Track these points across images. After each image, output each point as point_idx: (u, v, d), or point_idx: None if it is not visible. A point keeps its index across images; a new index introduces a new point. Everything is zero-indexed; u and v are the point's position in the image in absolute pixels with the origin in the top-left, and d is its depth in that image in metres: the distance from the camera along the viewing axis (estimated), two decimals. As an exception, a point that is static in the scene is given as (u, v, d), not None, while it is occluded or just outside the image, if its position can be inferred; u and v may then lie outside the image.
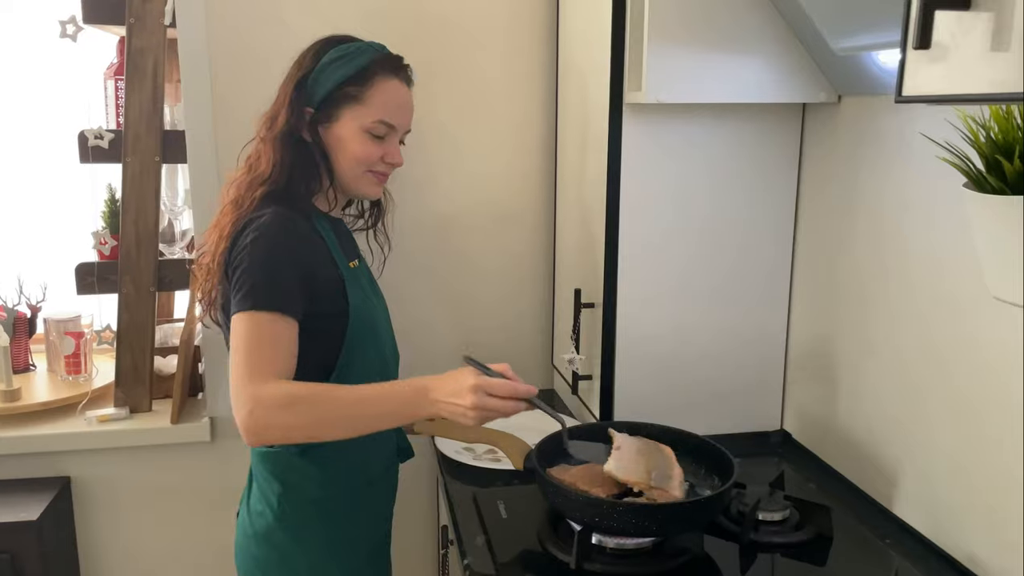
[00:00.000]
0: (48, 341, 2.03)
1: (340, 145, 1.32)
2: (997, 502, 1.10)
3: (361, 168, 1.33)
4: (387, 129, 1.33)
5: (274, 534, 1.33)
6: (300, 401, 1.13)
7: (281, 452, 1.31)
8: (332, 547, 1.34)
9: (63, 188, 2.12)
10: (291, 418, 1.13)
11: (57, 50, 1.95)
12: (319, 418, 1.14)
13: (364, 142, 1.32)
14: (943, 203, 1.18)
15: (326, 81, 1.31)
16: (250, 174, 1.31)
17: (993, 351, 1.10)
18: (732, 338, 1.60)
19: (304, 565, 1.33)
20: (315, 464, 1.31)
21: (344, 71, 1.31)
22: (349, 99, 1.31)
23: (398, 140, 1.37)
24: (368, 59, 1.32)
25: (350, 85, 1.30)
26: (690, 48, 1.38)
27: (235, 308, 1.18)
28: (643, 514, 1.15)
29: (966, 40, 0.61)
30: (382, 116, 1.32)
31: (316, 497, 1.32)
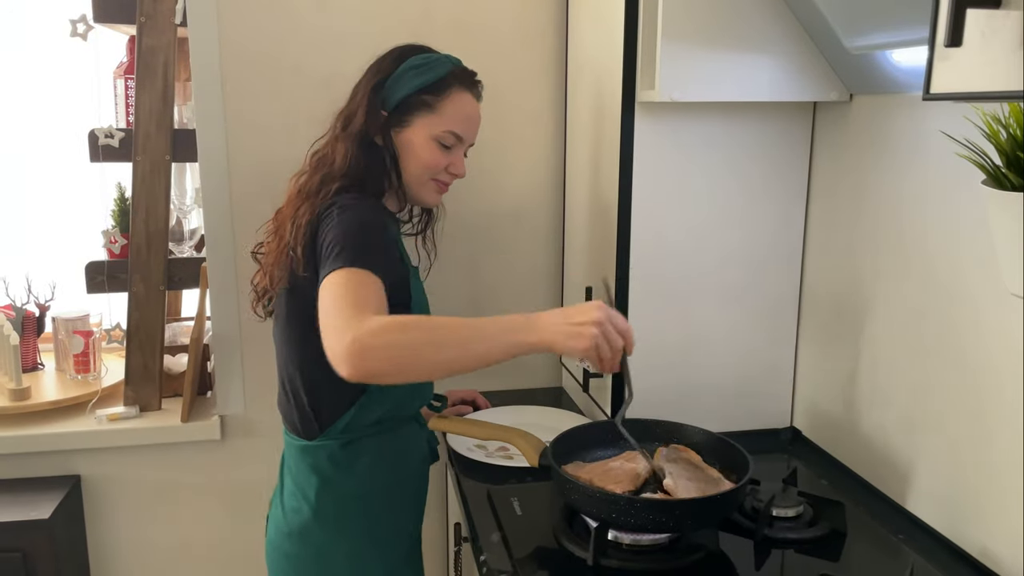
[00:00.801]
0: (57, 340, 2.03)
1: (409, 150, 1.35)
2: (1010, 497, 1.11)
3: (427, 175, 1.37)
4: (455, 140, 1.37)
5: (311, 530, 1.33)
6: (406, 323, 1.09)
7: (322, 445, 1.32)
8: (371, 542, 1.34)
9: (73, 187, 2.12)
10: (398, 335, 1.07)
11: (67, 49, 1.95)
12: (426, 337, 1.08)
13: (432, 150, 1.35)
14: (956, 201, 1.19)
15: (403, 87, 1.34)
16: (321, 170, 1.33)
17: (1007, 347, 1.10)
18: (742, 335, 1.60)
19: (342, 561, 1.33)
20: (355, 458, 1.32)
21: (422, 79, 1.34)
22: (423, 107, 1.34)
23: (463, 151, 1.41)
24: (445, 71, 1.35)
25: (426, 93, 1.34)
26: (703, 47, 1.38)
27: (329, 268, 1.16)
28: (660, 510, 1.15)
29: (996, 38, 0.62)
30: (452, 127, 1.35)
31: (355, 492, 1.33)
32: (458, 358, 1.10)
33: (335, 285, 1.14)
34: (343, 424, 1.31)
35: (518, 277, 2.00)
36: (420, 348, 1.08)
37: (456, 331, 1.10)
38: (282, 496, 1.39)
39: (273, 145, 1.83)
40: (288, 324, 1.32)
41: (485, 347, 1.11)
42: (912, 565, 1.18)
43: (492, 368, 2.05)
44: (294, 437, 1.36)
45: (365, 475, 1.33)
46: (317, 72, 1.82)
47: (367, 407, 1.31)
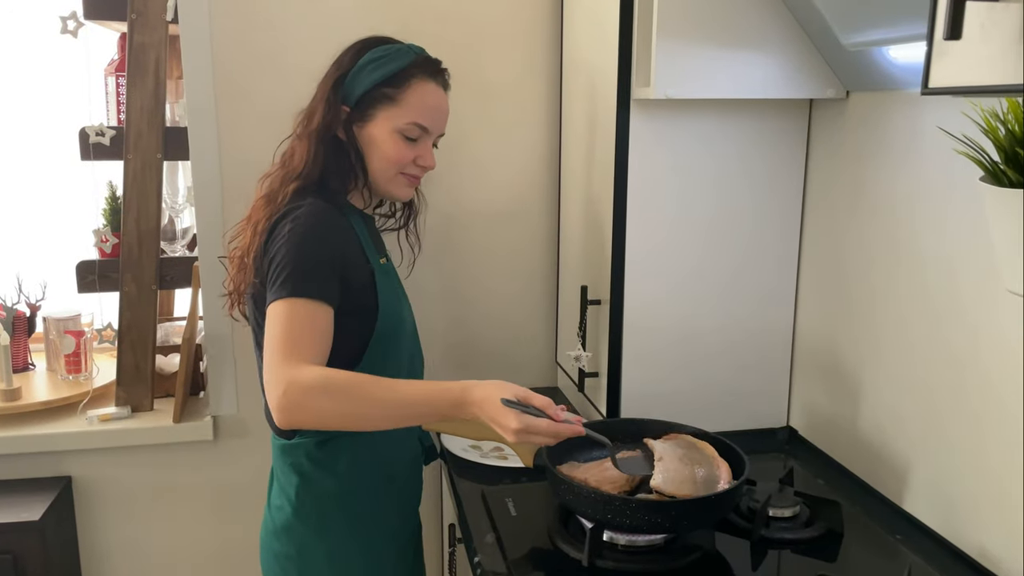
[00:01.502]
0: (47, 340, 2.01)
1: (373, 145, 1.33)
2: (1008, 496, 1.10)
3: (393, 169, 1.34)
4: (420, 131, 1.33)
5: (293, 528, 1.33)
6: (336, 387, 1.11)
7: (300, 444, 1.31)
8: (353, 540, 1.33)
9: (63, 185, 2.10)
10: (326, 402, 1.10)
11: (58, 46, 1.93)
12: (353, 407, 1.12)
13: (397, 143, 1.32)
14: (953, 198, 1.18)
15: (363, 81, 1.32)
16: (283, 169, 1.32)
17: (1003, 345, 1.10)
18: (738, 334, 1.60)
19: (324, 559, 1.32)
20: (334, 457, 1.31)
21: (382, 72, 1.31)
22: (385, 99, 1.31)
23: (431, 143, 1.37)
24: (406, 61, 1.32)
25: (386, 86, 1.31)
26: (698, 44, 1.38)
27: (272, 296, 1.17)
28: (655, 511, 1.14)
29: (996, 31, 0.61)
30: (416, 118, 1.32)
31: (334, 490, 1.32)
32: (382, 425, 1.17)
33: (276, 321, 1.16)
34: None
35: (513, 276, 1.99)
36: (345, 414, 1.13)
37: (382, 403, 1.13)
38: (270, 495, 1.39)
39: (266, 143, 1.80)
40: (257, 328, 1.31)
41: (412, 419, 1.17)
42: (910, 566, 1.17)
43: (485, 367, 2.06)
44: (275, 436, 1.36)
45: (344, 473, 1.32)
46: (310, 70, 1.79)
47: None
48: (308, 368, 1.12)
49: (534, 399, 1.12)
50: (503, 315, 2.00)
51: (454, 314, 1.98)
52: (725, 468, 1.23)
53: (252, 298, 1.30)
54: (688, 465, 1.23)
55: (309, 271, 1.18)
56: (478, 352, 2.00)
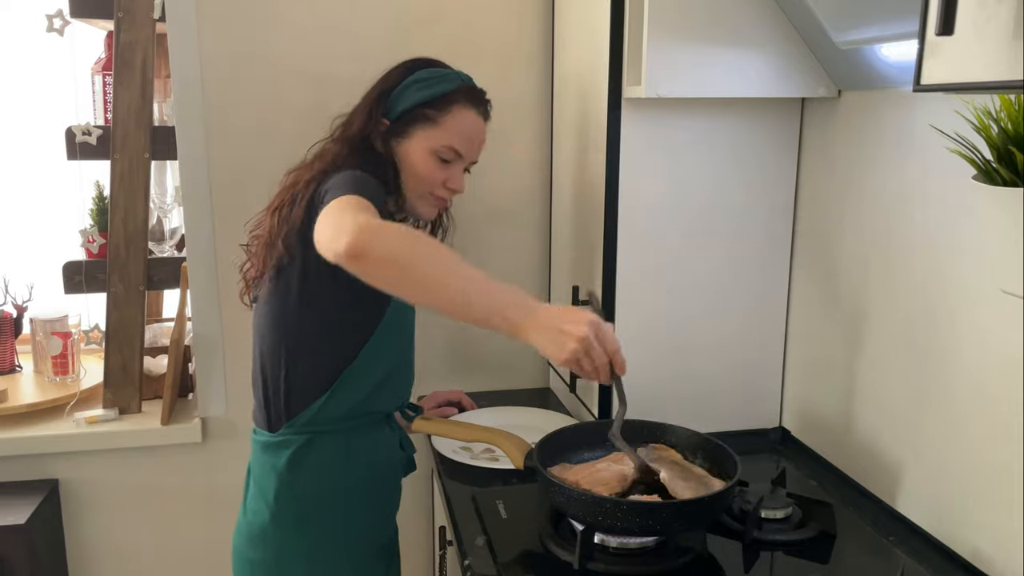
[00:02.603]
0: (34, 342, 2.00)
1: (406, 161, 1.35)
2: (1000, 497, 1.09)
3: (423, 188, 1.36)
4: (454, 155, 1.36)
5: (270, 533, 1.31)
6: (414, 235, 1.07)
7: (283, 442, 1.30)
8: (330, 546, 1.32)
9: (50, 185, 2.08)
10: (404, 236, 1.05)
11: (44, 45, 1.91)
12: (424, 259, 1.05)
13: (429, 163, 1.35)
14: (945, 197, 1.17)
15: (407, 98, 1.35)
16: (313, 166, 1.32)
17: (997, 345, 1.09)
18: (731, 335, 1.59)
19: (301, 565, 1.31)
20: (315, 459, 1.30)
21: (427, 92, 1.35)
22: (425, 119, 1.35)
23: (462, 168, 1.40)
24: (451, 87, 1.36)
25: (429, 107, 1.35)
26: (690, 42, 1.37)
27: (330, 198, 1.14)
28: (647, 513, 1.13)
29: (988, 27, 0.60)
30: (452, 142, 1.35)
31: (314, 493, 1.31)
32: (441, 295, 1.06)
33: (337, 202, 1.11)
34: (308, 416, 1.29)
35: (505, 276, 1.90)
36: (414, 262, 1.04)
37: (456, 271, 1.06)
38: (246, 500, 1.38)
39: (254, 142, 1.81)
40: (269, 304, 1.31)
41: (471, 302, 1.06)
42: (902, 567, 1.17)
43: (478, 368, 2.05)
44: (258, 432, 1.35)
45: (325, 476, 1.31)
46: (298, 68, 1.80)
47: (336, 397, 1.29)
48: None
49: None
50: (494, 315, 1.99)
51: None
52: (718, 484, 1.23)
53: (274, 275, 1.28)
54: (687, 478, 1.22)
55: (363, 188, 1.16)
56: (470, 353, 1.99)
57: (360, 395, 1.31)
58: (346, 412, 1.31)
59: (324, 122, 1.45)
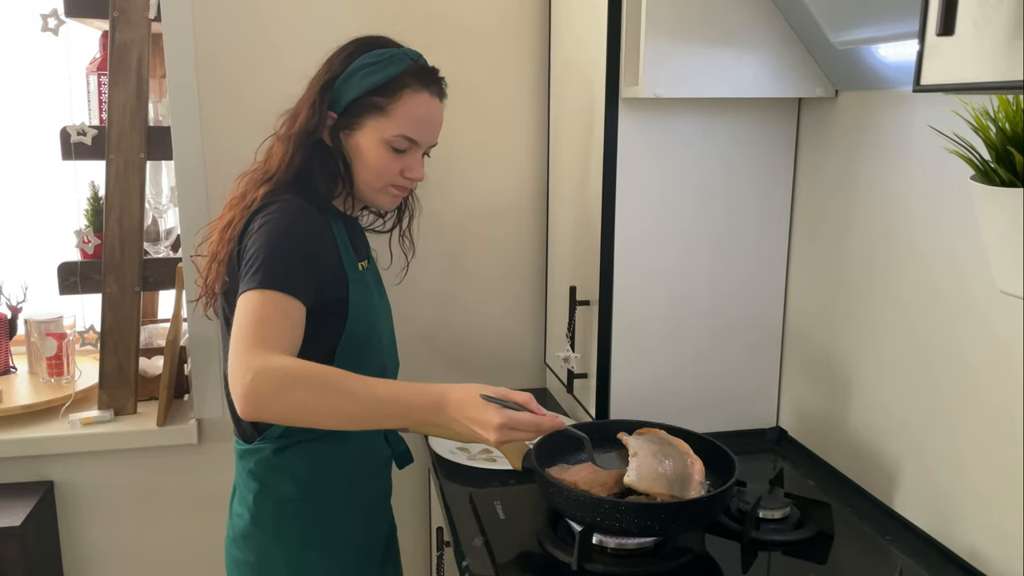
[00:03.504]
0: (29, 343, 1.99)
1: (359, 154, 1.28)
2: (998, 496, 1.10)
3: (380, 182, 1.30)
4: (409, 144, 1.28)
5: (252, 536, 1.31)
6: (308, 377, 1.06)
7: (258, 449, 1.29)
8: (311, 548, 1.31)
9: (45, 186, 2.07)
10: (296, 393, 1.05)
11: (38, 44, 1.90)
12: (324, 401, 1.07)
13: (383, 154, 1.27)
14: (942, 197, 1.17)
15: (353, 88, 1.26)
16: (259, 170, 1.30)
17: (995, 345, 1.09)
18: (728, 335, 1.59)
19: (282, 567, 1.30)
20: (291, 463, 1.29)
21: (372, 79, 1.26)
22: (374, 109, 1.26)
23: (420, 154, 1.33)
24: (399, 70, 1.26)
25: (376, 95, 1.26)
26: (687, 43, 1.37)
27: (243, 288, 1.13)
28: (645, 514, 1.13)
29: (989, 27, 0.60)
30: (405, 131, 1.27)
31: (291, 497, 1.29)
32: (352, 424, 1.12)
33: (247, 311, 1.11)
34: (279, 430, 1.27)
35: (502, 276, 1.98)
36: (315, 407, 1.07)
37: (357, 399, 1.08)
38: (232, 503, 1.37)
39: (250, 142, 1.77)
40: (225, 328, 1.28)
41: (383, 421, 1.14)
42: (900, 567, 1.17)
43: (474, 369, 2.04)
44: (237, 440, 1.34)
45: (302, 480, 1.29)
46: (295, 68, 1.77)
47: None
48: (278, 356, 1.07)
49: (514, 395, 1.11)
50: (491, 316, 1.99)
51: (442, 315, 1.97)
52: (699, 464, 1.22)
53: (224, 296, 1.27)
54: (660, 461, 1.22)
55: (283, 265, 1.15)
56: (466, 353, 1.99)
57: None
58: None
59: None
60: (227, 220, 1.26)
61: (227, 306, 1.27)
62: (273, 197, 1.24)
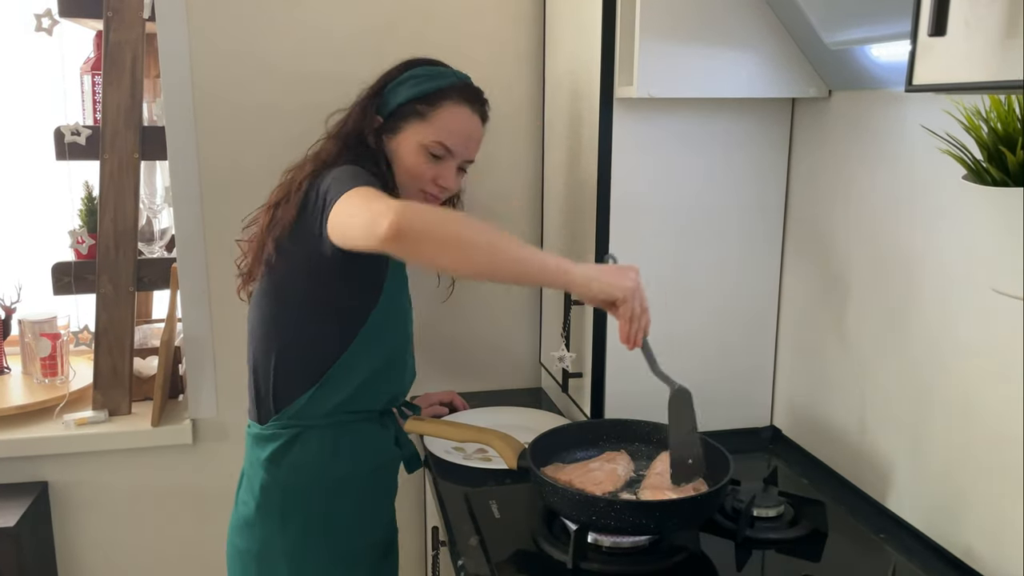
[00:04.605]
0: (23, 343, 1.98)
1: (397, 156, 1.36)
2: (992, 494, 1.10)
3: (412, 184, 1.37)
4: (444, 151, 1.36)
5: (255, 524, 1.33)
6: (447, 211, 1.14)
7: (272, 435, 1.31)
8: (312, 539, 1.32)
9: (38, 186, 2.07)
10: (440, 217, 1.11)
11: (32, 44, 1.90)
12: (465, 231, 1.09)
13: (418, 158, 1.36)
14: (937, 196, 1.18)
15: (400, 95, 1.37)
16: (310, 166, 1.33)
17: (988, 344, 1.10)
18: (722, 334, 1.59)
19: (282, 556, 1.32)
20: (302, 454, 1.31)
21: (419, 89, 1.36)
22: (415, 115, 1.36)
23: (455, 166, 1.39)
24: (445, 83, 1.37)
25: (420, 103, 1.36)
26: (681, 43, 1.37)
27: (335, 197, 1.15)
28: (640, 512, 1.14)
29: (980, 27, 0.61)
30: (441, 138, 1.35)
31: (298, 487, 1.32)
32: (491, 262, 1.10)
33: (352, 196, 1.13)
34: (295, 409, 1.31)
35: (496, 276, 1.97)
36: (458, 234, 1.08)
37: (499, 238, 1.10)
38: (239, 491, 1.40)
39: (245, 142, 1.80)
40: (260, 300, 1.34)
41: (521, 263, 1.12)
42: (894, 565, 1.17)
43: (470, 369, 2.04)
44: (251, 424, 1.37)
45: (310, 470, 1.32)
46: (289, 68, 1.79)
47: (323, 392, 1.30)
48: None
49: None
50: (486, 315, 1.99)
51: (436, 314, 1.96)
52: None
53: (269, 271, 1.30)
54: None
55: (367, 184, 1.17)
56: (461, 353, 1.99)
57: (347, 391, 1.32)
58: (333, 407, 1.32)
59: (315, 122, 1.45)
60: (278, 199, 1.31)
61: (268, 275, 1.31)
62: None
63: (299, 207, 1.26)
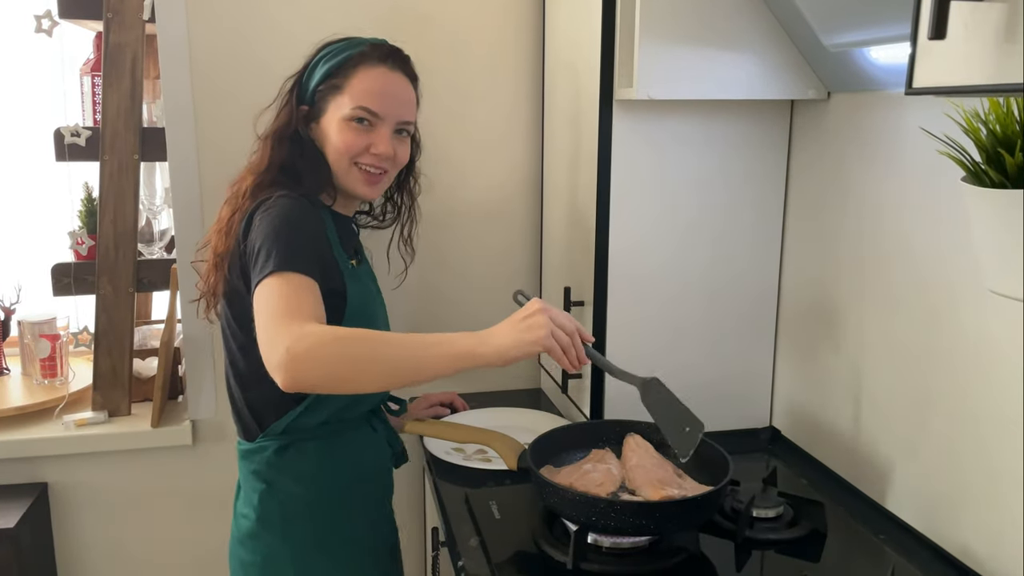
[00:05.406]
0: (23, 344, 1.98)
1: (325, 138, 1.31)
2: (991, 495, 1.10)
3: (345, 160, 1.30)
4: (369, 115, 1.28)
5: (258, 536, 1.31)
6: (341, 335, 1.06)
7: (262, 447, 1.30)
8: (317, 548, 1.32)
9: (38, 187, 2.07)
10: (332, 349, 1.04)
11: (32, 45, 1.90)
12: (366, 350, 1.06)
13: (344, 131, 1.28)
14: (936, 198, 1.18)
15: (315, 76, 1.32)
16: (248, 175, 1.31)
17: (985, 345, 1.10)
18: (722, 336, 1.60)
19: (289, 567, 1.31)
20: (296, 462, 1.30)
21: (331, 64, 1.30)
22: (332, 90, 1.30)
23: (388, 131, 1.31)
24: (355, 51, 1.31)
25: (334, 77, 1.30)
26: (681, 44, 1.37)
27: (259, 276, 1.13)
28: (640, 513, 1.14)
29: (980, 30, 0.61)
30: (360, 102, 1.28)
31: (298, 496, 1.30)
32: (396, 373, 1.09)
33: (267, 294, 1.11)
34: (283, 425, 1.29)
35: (496, 277, 1.98)
36: (356, 360, 1.06)
37: (397, 345, 1.08)
38: (236, 504, 1.38)
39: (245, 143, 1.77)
40: (228, 327, 1.31)
41: (427, 362, 1.08)
42: (893, 566, 1.18)
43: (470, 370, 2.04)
44: (240, 440, 1.35)
45: (308, 479, 1.30)
46: (288, 69, 1.77)
47: (313, 409, 1.28)
48: (310, 323, 1.06)
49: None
50: (486, 316, 1.97)
51: (436, 315, 1.97)
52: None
53: (226, 297, 1.28)
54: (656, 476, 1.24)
55: (292, 247, 1.15)
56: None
57: (335, 405, 1.30)
58: (323, 420, 1.31)
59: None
60: (225, 220, 1.28)
61: (228, 306, 1.29)
62: (267, 193, 1.25)
63: (237, 249, 1.23)
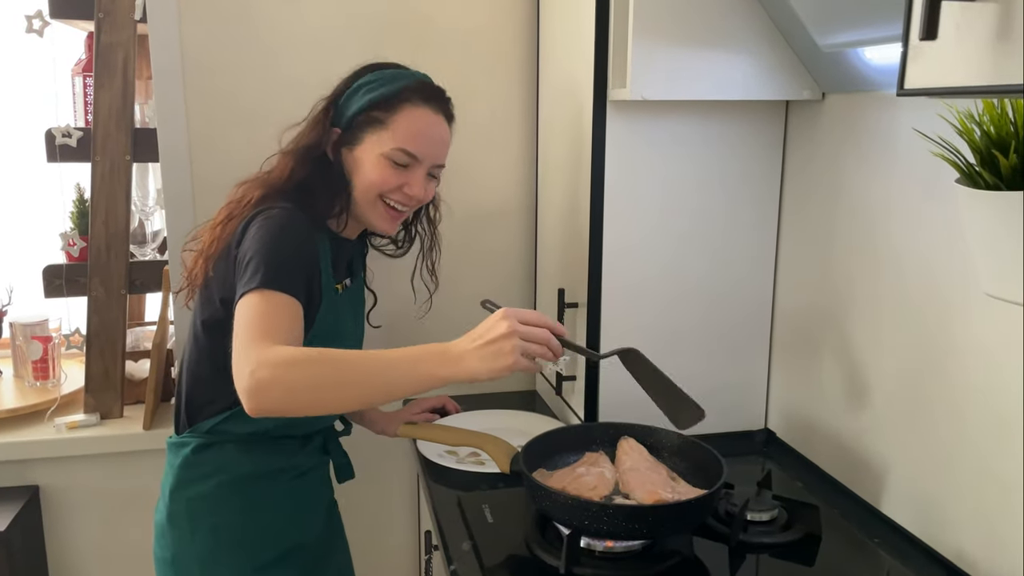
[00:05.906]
0: (14, 346, 1.97)
1: (358, 168, 1.29)
2: (985, 499, 1.10)
3: (373, 193, 1.29)
4: (409, 159, 1.28)
5: (166, 531, 1.32)
6: (307, 358, 1.04)
7: (183, 443, 1.31)
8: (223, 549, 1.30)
9: (30, 188, 2.06)
10: (297, 373, 1.02)
11: (23, 45, 1.89)
12: (330, 373, 1.04)
13: (381, 168, 1.28)
14: (930, 200, 1.18)
15: (355, 103, 1.30)
16: (259, 180, 1.31)
17: (981, 347, 1.10)
18: (716, 338, 1.59)
19: (195, 565, 1.30)
20: (211, 461, 1.30)
21: (373, 95, 1.28)
22: (374, 123, 1.28)
23: (422, 173, 1.31)
24: (401, 86, 1.29)
25: (376, 109, 1.28)
26: (675, 45, 1.37)
27: (243, 288, 1.13)
28: (633, 516, 1.13)
29: (971, 31, 0.60)
30: (403, 144, 1.27)
31: (205, 495, 1.30)
32: (362, 396, 1.08)
33: (246, 309, 1.11)
34: (209, 426, 1.29)
35: (490, 279, 1.97)
36: (321, 385, 1.04)
37: (362, 367, 1.06)
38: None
39: (237, 144, 1.79)
40: (195, 317, 1.31)
41: (394, 384, 1.07)
42: (888, 569, 1.17)
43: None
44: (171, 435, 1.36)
45: (219, 477, 1.29)
46: (281, 71, 1.79)
47: (240, 417, 1.25)
48: (278, 347, 1.05)
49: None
50: (479, 319, 1.97)
51: (428, 318, 1.96)
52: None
53: (201, 295, 1.29)
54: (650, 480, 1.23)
55: (280, 265, 1.15)
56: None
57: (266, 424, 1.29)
58: (252, 432, 1.30)
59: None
60: (222, 218, 1.28)
61: (200, 307, 1.29)
62: (271, 203, 1.25)
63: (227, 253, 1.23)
